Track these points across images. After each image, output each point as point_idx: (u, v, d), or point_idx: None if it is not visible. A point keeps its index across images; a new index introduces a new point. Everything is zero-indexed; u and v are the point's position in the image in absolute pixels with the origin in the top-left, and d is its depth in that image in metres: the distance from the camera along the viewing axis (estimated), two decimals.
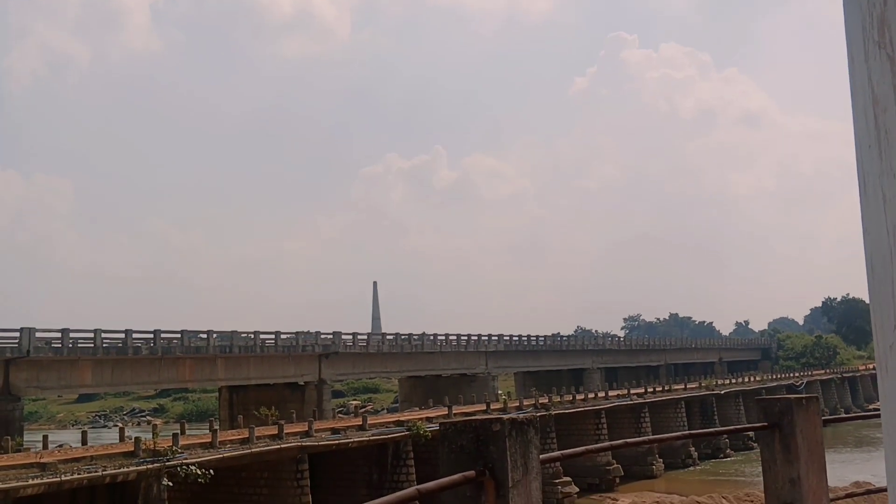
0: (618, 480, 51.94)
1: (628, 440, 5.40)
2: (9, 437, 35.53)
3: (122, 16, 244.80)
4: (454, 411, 46.69)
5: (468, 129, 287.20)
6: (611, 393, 62.05)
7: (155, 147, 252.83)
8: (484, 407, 49.47)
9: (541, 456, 4.62)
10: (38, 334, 44.47)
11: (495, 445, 4.03)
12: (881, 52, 1.37)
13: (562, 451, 5.36)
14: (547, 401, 53.88)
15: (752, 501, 39.13)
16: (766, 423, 5.63)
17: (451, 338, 71.22)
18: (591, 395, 59.44)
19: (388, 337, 68.77)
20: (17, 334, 43.56)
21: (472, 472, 3.82)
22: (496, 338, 75.97)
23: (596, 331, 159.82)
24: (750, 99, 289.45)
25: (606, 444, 5.01)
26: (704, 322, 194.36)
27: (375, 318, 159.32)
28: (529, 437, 4.43)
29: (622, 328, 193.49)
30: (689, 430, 63.46)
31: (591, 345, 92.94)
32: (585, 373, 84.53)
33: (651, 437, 6.99)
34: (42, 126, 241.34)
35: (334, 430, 40.24)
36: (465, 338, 72.56)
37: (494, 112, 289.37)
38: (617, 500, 45.59)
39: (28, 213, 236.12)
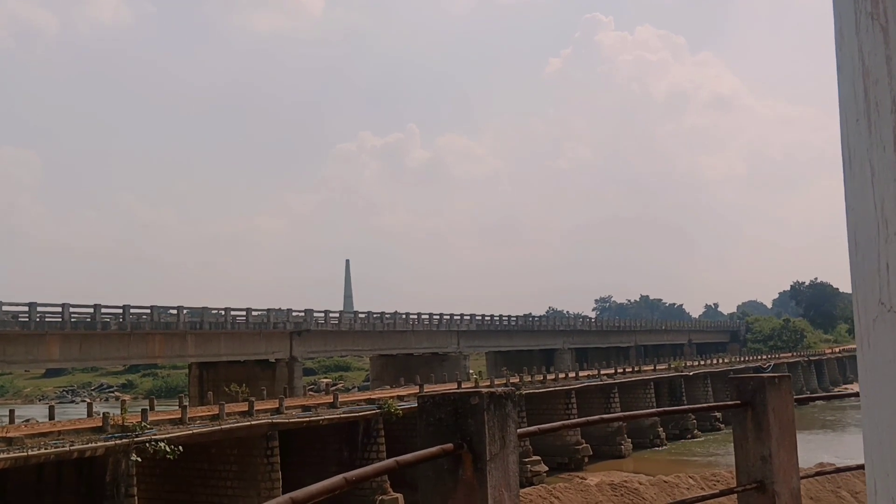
0: (587, 460, 52.44)
1: (603, 416, 5.41)
2: None
3: None
4: (425, 390, 46.78)
5: (441, 108, 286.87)
6: (581, 373, 62.48)
7: (124, 121, 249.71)
8: (455, 386, 49.56)
9: (518, 430, 4.61)
10: (4, 307, 43.91)
11: (473, 419, 3.99)
12: (874, 23, 1.35)
13: (539, 426, 5.34)
14: (518, 380, 54.16)
15: (718, 481, 39.64)
16: (738, 402, 5.67)
17: (423, 317, 71.29)
18: (561, 376, 59.82)
19: (360, 315, 68.70)
20: None
21: (450, 445, 3.78)
22: (468, 317, 76.15)
23: (567, 312, 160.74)
24: (722, 83, 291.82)
25: (582, 419, 5.02)
26: (675, 304, 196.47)
27: (348, 297, 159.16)
28: (507, 411, 4.40)
29: (593, 309, 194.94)
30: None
31: (563, 325, 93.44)
32: (556, 353, 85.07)
33: (624, 413, 7.04)
34: (8, 98, 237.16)
35: (305, 408, 40.19)
36: (437, 317, 72.65)
37: (468, 92, 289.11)
38: (585, 479, 45.95)
39: None
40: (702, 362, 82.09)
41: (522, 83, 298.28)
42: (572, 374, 61.16)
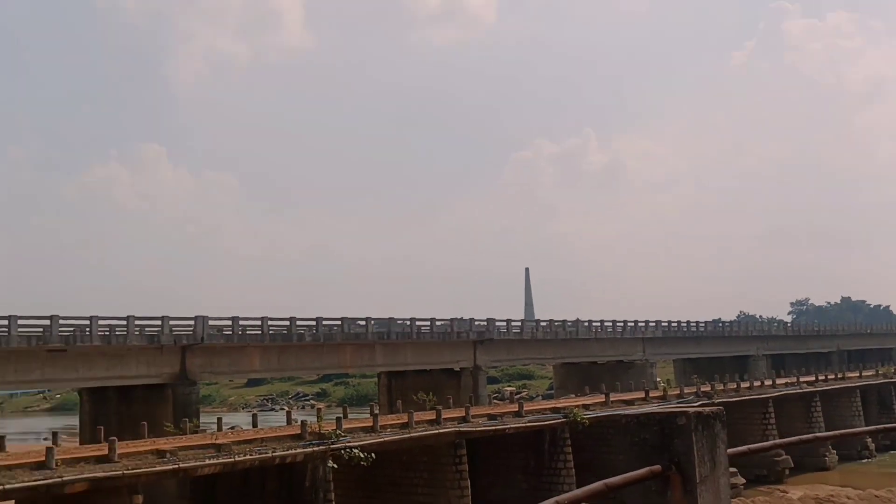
0: (787, 472, 49.59)
1: (818, 435, 4.97)
2: (187, 420, 37.79)
3: (278, 15, 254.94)
4: (611, 399, 45.88)
5: (619, 110, 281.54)
6: (778, 381, 59.25)
7: (310, 139, 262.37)
8: (643, 395, 48.37)
9: (728, 451, 4.32)
10: (210, 322, 47.01)
11: (681, 439, 3.78)
12: None
13: (748, 447, 5.00)
14: (709, 389, 52.04)
15: None
16: None
17: (606, 324, 70.06)
18: (756, 384, 56.94)
19: (542, 323, 68.47)
20: (192, 322, 46.25)
21: (658, 467, 3.60)
22: (653, 324, 74.10)
23: (760, 316, 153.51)
24: None
25: (796, 438, 4.63)
26: (881, 306, 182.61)
27: (528, 304, 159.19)
28: (716, 431, 4.14)
29: (789, 313, 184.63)
30: (864, 420, 59.76)
31: (756, 331, 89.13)
32: (750, 360, 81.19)
33: (842, 431, 6.46)
34: (207, 125, 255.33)
35: (491, 416, 40.38)
36: (621, 324, 71.17)
37: (646, 92, 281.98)
38: (787, 493, 43.51)
39: (198, 208, 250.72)
40: None
41: (704, 79, 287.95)
42: (768, 382, 58.08)
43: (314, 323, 52.07)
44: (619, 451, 3.71)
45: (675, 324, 76.98)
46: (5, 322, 39.70)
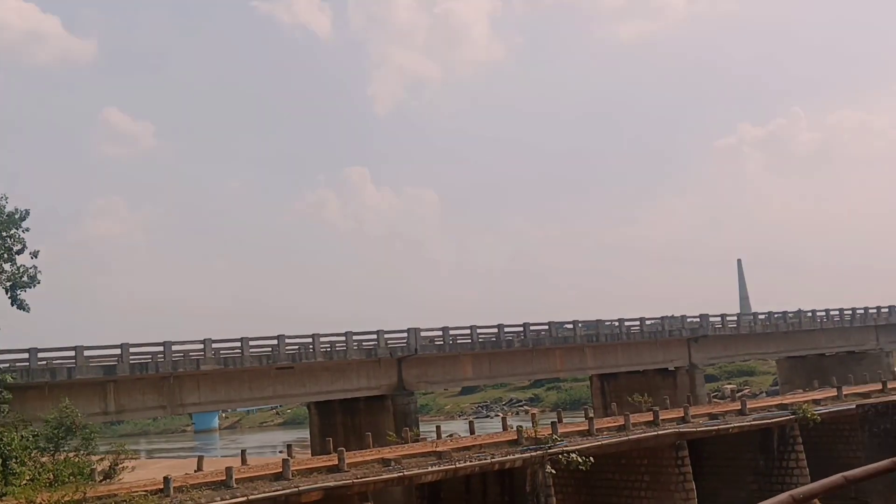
0: None
1: None
2: (407, 429, 39.20)
3: (464, 30, 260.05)
4: (844, 392, 42.87)
5: (830, 84, 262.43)
6: None
7: (504, 148, 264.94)
8: (879, 387, 44.79)
9: None
10: (422, 333, 48.55)
11: None
12: None
13: None
14: None
15: None
16: None
17: (832, 312, 65.62)
18: None
19: (761, 316, 65.22)
20: (406, 335, 47.98)
21: None
22: (887, 309, 68.52)
23: None
24: None
25: None
26: None
27: (743, 298, 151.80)
28: None
29: None
30: None
31: None
32: None
33: None
34: (405, 143, 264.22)
35: (711, 416, 38.95)
36: (850, 311, 66.38)
37: (859, 60, 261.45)
38: None
39: (402, 223, 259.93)
40: None
41: None
42: None
43: (521, 329, 52.44)
44: (858, 445, 3.43)
45: None
46: (238, 344, 42.97)
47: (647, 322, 58.03)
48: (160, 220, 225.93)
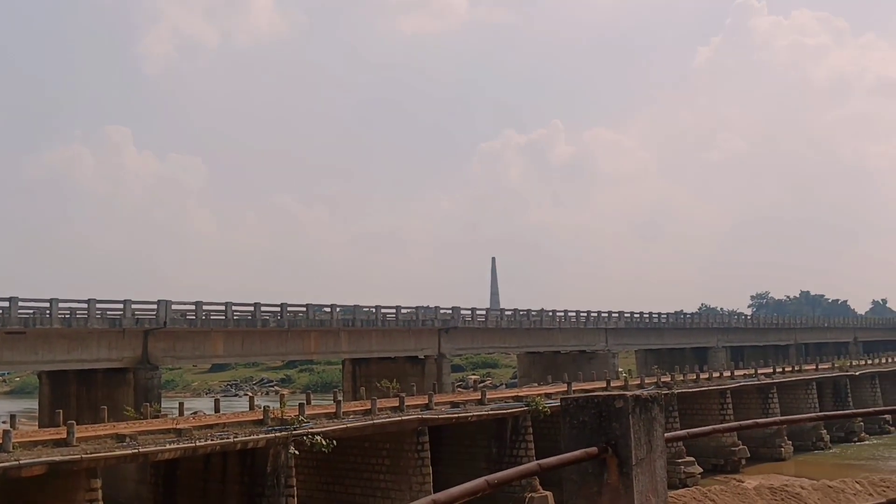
0: (744, 462, 50.47)
1: (758, 420, 5.17)
2: (148, 404, 37.57)
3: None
4: (573, 388, 46.35)
5: (587, 102, 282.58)
6: (737, 372, 60.19)
7: (278, 125, 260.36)
8: (604, 384, 48.91)
9: (666, 434, 4.48)
10: (173, 306, 46.69)
11: (618, 422, 3.92)
12: None
13: (688, 430, 5.18)
14: (669, 379, 52.77)
15: (888, 487, 37.27)
16: None
17: (570, 314, 70.60)
18: (715, 375, 57.81)
19: (507, 312, 68.81)
20: (155, 306, 45.89)
21: (594, 449, 3.73)
22: (616, 314, 74.81)
23: (721, 308, 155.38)
24: (889, 66, 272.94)
25: (735, 423, 4.79)
26: (838, 300, 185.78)
27: (494, 294, 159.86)
28: (653, 415, 4.29)
29: (749, 306, 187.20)
30: (820, 412, 60.95)
31: (716, 323, 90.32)
32: (710, 352, 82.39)
33: (781, 417, 6.68)
34: (175, 108, 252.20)
35: (454, 404, 40.64)
36: (585, 314, 71.76)
37: (614, 84, 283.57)
38: (742, 482, 44.28)
39: (163, 191, 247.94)
40: (869, 362, 77.27)
41: (671, 73, 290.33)
42: (727, 374, 58.98)
43: (279, 309, 51.91)
44: (563, 436, 3.88)
45: (638, 315, 77.78)
46: None
47: (403, 311, 59.45)
48: None
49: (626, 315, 75.93)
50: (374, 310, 57.60)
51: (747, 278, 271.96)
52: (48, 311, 41.56)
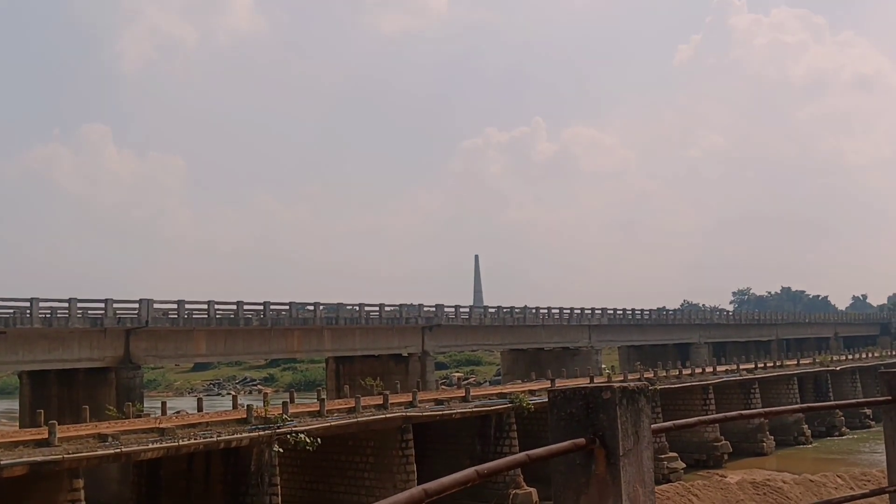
0: (726, 457, 50.81)
1: (742, 412, 5.22)
2: (130, 404, 37.37)
3: None
4: (557, 384, 46.47)
5: (567, 100, 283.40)
6: (719, 368, 60.56)
7: (259, 125, 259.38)
8: (587, 381, 49.07)
9: (652, 426, 4.50)
10: (155, 305, 46.40)
11: (605, 413, 3.92)
12: None
13: (673, 422, 5.20)
14: (652, 375, 53.02)
15: (869, 481, 37.62)
16: (889, 397, 5.35)
17: (553, 311, 70.79)
18: (697, 371, 58.14)
19: (491, 310, 68.89)
20: (137, 306, 45.59)
21: (581, 440, 3.73)
22: (599, 311, 75.08)
23: (703, 305, 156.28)
24: (866, 62, 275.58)
25: (720, 416, 4.82)
26: (819, 296, 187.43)
27: (477, 291, 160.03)
28: (641, 406, 4.29)
29: (731, 302, 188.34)
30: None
31: (698, 319, 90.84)
32: (692, 347, 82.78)
33: (765, 409, 6.72)
34: (154, 107, 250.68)
35: (438, 401, 40.66)
36: (568, 311, 71.97)
37: (594, 82, 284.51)
38: (725, 477, 44.55)
39: (143, 190, 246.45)
40: (849, 357, 77.96)
41: (651, 71, 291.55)
42: (709, 369, 59.34)
43: (262, 307, 51.73)
44: (551, 428, 3.88)
45: (621, 311, 78.09)
46: None
47: (387, 308, 59.39)
48: None
49: (609, 312, 76.23)
50: (357, 308, 57.53)
51: (729, 274, 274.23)
52: (28, 311, 41.20)
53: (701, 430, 49.46)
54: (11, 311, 41.28)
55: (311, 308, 54.76)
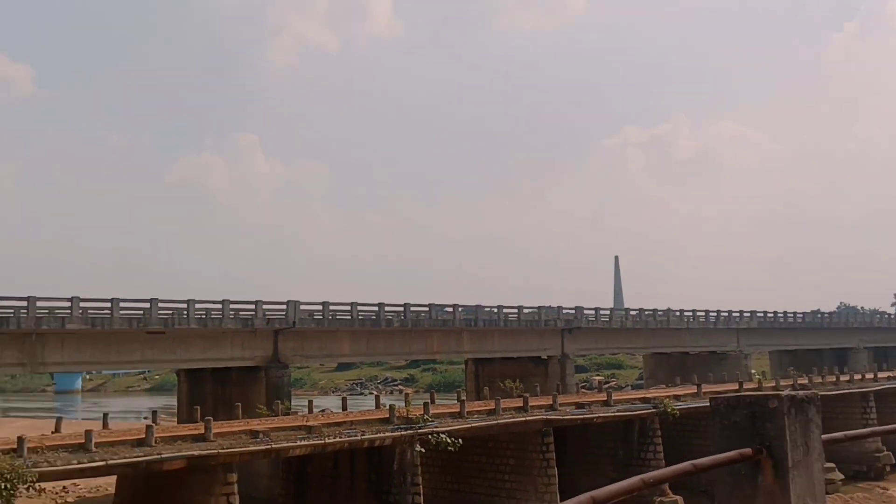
0: (888, 469, 47.71)
1: None
2: (279, 402, 38.79)
3: (366, 5, 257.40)
4: (703, 390, 44.96)
5: (711, 95, 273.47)
6: (880, 374, 56.99)
7: (399, 128, 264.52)
8: (736, 386, 47.21)
9: (822, 436, 4.17)
10: (301, 307, 47.98)
11: (772, 423, 3.68)
12: None
13: (845, 433, 4.83)
14: (807, 381, 50.46)
15: None
16: None
17: (698, 314, 68.57)
18: (857, 377, 54.90)
19: (632, 312, 67.48)
20: (284, 307, 47.30)
21: (748, 450, 3.50)
22: (748, 314, 72.16)
23: (862, 307, 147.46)
24: None
25: (894, 426, 4.42)
26: None
27: (617, 293, 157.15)
28: (810, 416, 4.01)
29: (893, 304, 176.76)
30: None
31: (857, 322, 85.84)
32: (850, 352, 78.26)
33: None
34: (298, 114, 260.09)
35: (578, 405, 40.13)
36: (715, 314, 69.55)
37: (741, 75, 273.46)
38: (888, 490, 41.90)
39: (290, 197, 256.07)
40: None
41: (801, 62, 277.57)
42: (870, 376, 55.91)
43: (402, 309, 52.58)
44: (710, 437, 3.62)
45: (772, 314, 74.84)
46: (108, 305, 41.35)
47: (525, 310, 59.17)
48: (36, 172, 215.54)
49: (758, 315, 73.18)
50: (496, 310, 57.58)
51: (890, 275, 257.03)
52: (185, 312, 43.46)
53: (861, 440, 46.64)
54: (170, 312, 43.65)
55: (450, 310, 55.26)
